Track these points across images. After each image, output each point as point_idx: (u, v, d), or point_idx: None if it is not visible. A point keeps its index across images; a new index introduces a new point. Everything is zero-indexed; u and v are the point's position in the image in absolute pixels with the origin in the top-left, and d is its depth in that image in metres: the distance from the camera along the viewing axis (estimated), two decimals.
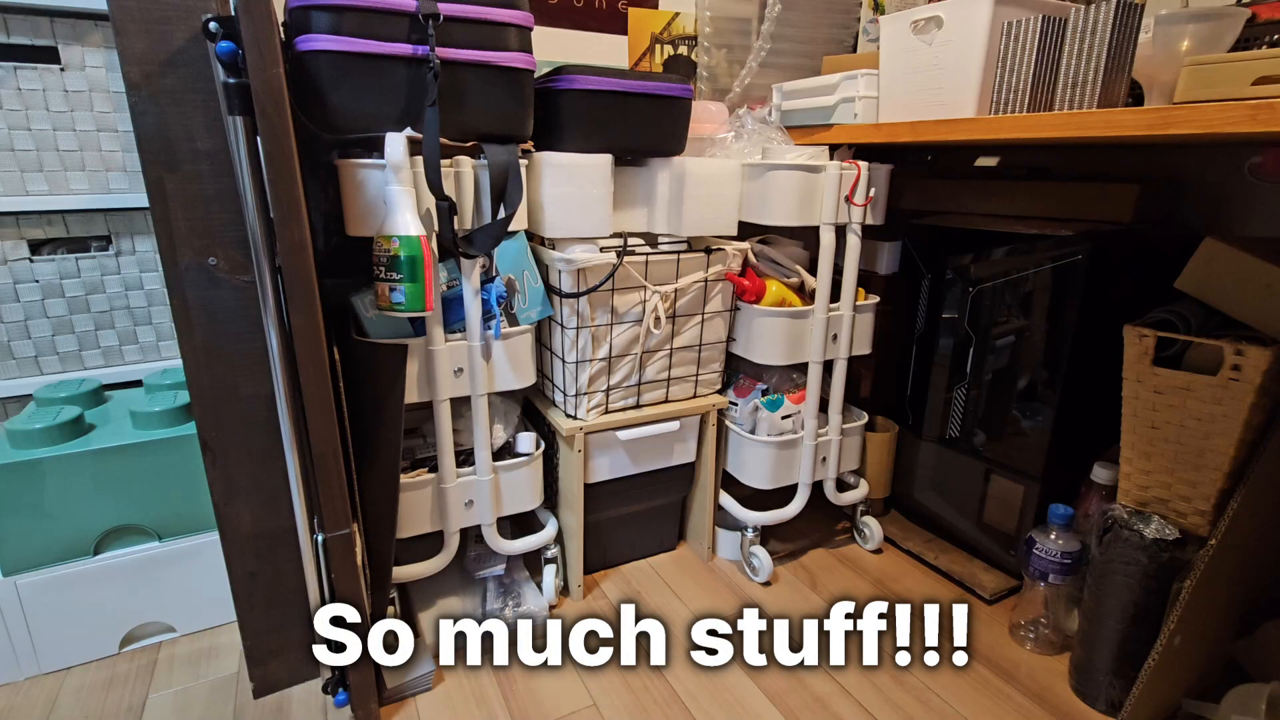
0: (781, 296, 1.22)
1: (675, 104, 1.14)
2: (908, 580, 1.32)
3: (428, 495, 1.09)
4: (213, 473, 0.91)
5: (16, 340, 1.21)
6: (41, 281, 1.21)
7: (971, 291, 1.26)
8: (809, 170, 1.14)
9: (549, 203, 1.08)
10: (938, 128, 1.06)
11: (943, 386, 1.34)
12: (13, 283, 1.19)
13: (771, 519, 1.30)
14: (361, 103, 0.91)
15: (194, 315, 0.85)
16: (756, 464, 1.28)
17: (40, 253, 1.21)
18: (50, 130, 1.17)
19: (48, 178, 1.18)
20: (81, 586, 1.05)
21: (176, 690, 1.03)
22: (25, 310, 1.21)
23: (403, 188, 0.91)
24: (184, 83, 0.79)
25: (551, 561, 1.22)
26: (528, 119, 1.03)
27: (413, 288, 0.92)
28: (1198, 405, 0.90)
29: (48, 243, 1.21)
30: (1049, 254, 1.12)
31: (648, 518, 1.35)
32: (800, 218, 1.17)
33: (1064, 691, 1.05)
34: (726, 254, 1.20)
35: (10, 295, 1.19)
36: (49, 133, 1.17)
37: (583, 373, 1.15)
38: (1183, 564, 0.92)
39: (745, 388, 1.31)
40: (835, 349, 1.27)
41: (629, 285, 1.14)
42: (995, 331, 1.23)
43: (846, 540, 1.45)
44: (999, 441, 1.25)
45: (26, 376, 1.23)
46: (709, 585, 1.29)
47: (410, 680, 1.02)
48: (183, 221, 0.82)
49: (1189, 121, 0.75)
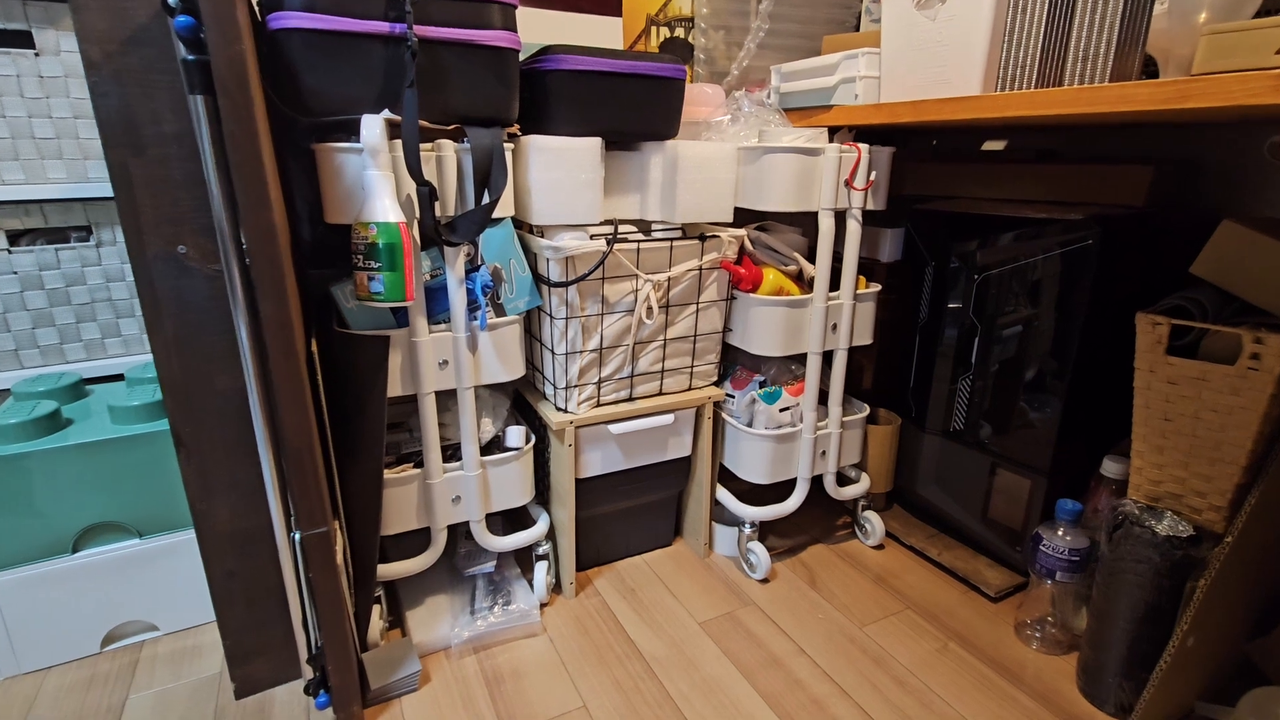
0: (779, 285, 1.18)
1: (667, 85, 1.10)
2: (910, 577, 1.28)
3: (413, 491, 1.06)
4: (187, 469, 0.88)
5: None
6: (20, 273, 1.18)
7: (977, 279, 1.21)
8: (807, 153, 1.10)
9: (536, 188, 1.04)
10: (941, 107, 1.01)
11: (947, 378, 1.30)
12: None
13: (769, 514, 1.27)
14: (337, 84, 0.87)
15: (164, 306, 0.82)
16: (754, 458, 1.24)
17: (19, 244, 1.18)
18: (26, 117, 1.13)
19: (24, 166, 1.15)
20: (60, 585, 1.02)
21: (157, 691, 1.00)
22: (4, 303, 1.18)
23: (380, 172, 0.87)
24: (148, 62, 0.76)
25: (543, 558, 1.19)
26: (513, 101, 0.99)
27: (392, 277, 0.88)
28: (1214, 396, 0.86)
29: (26, 233, 1.18)
30: (1058, 238, 1.08)
31: (642, 513, 1.31)
32: (798, 203, 1.12)
33: (1071, 693, 1.01)
34: (722, 241, 1.16)
35: None
36: (24, 120, 1.13)
37: (573, 365, 1.11)
38: (1196, 562, 0.88)
39: (742, 380, 1.27)
40: (835, 339, 1.22)
41: (620, 274, 1.10)
42: (1001, 320, 1.19)
43: (847, 536, 1.42)
44: (1005, 434, 1.21)
45: (6, 370, 1.20)
46: (705, 582, 1.26)
47: (395, 681, 0.99)
48: (150, 208, 0.79)
49: (1208, 94, 0.71)
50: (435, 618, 1.12)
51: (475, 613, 1.12)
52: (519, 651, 1.09)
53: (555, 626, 1.14)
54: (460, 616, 1.11)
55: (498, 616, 1.11)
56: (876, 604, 1.21)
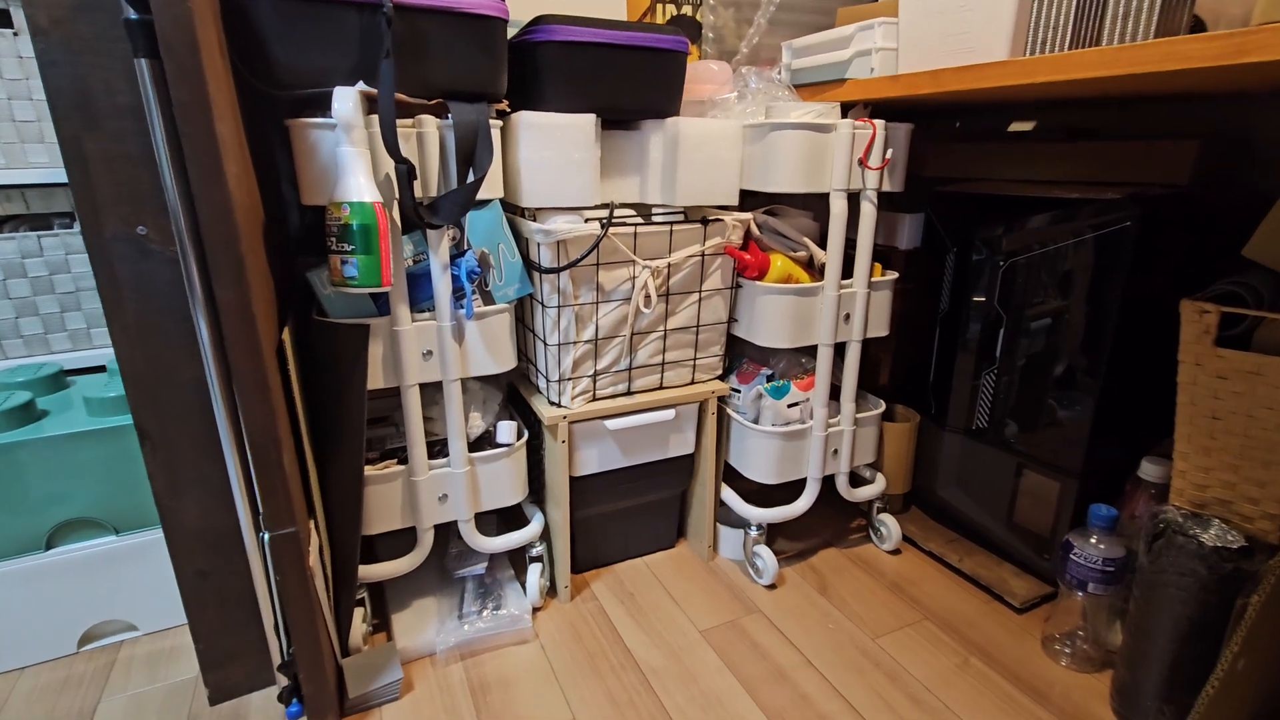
0: (787, 272, 1.11)
1: (667, 58, 1.03)
2: (928, 585, 1.20)
3: (397, 489, 1.00)
4: (153, 463, 0.84)
5: None
6: (2, 261, 1.15)
7: (1002, 265, 1.13)
8: (817, 129, 1.02)
9: (526, 169, 0.98)
10: (962, 75, 0.93)
11: (969, 372, 1.21)
12: None
13: (777, 516, 1.19)
14: (308, 54, 0.81)
15: (124, 291, 0.77)
16: (761, 456, 1.17)
17: (0, 230, 1.14)
18: (5, 99, 1.10)
19: (4, 150, 1.12)
20: (33, 583, 0.99)
21: (130, 695, 0.96)
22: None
23: (355, 149, 0.81)
24: (100, 28, 0.71)
25: (537, 560, 1.13)
26: (500, 74, 0.93)
27: (366, 260, 0.83)
28: (1270, 392, 0.77)
29: (8, 220, 1.15)
30: (1092, 220, 0.99)
31: (643, 514, 1.25)
32: (808, 183, 1.05)
33: (1104, 715, 0.93)
34: (725, 225, 1.08)
35: None
36: (3, 102, 1.10)
37: (566, 356, 1.05)
38: (1248, 576, 0.79)
39: (749, 373, 1.20)
40: (848, 330, 1.15)
41: (616, 260, 1.03)
42: (1029, 310, 1.10)
43: (861, 539, 1.34)
44: (1032, 432, 1.12)
45: None
46: (708, 587, 1.19)
47: (375, 689, 0.94)
48: (106, 186, 0.74)
49: (1269, 46, 0.62)
50: (422, 621, 1.07)
51: (463, 617, 1.06)
52: (508, 659, 1.03)
53: (548, 632, 1.08)
54: (447, 621, 1.06)
55: (486, 621, 1.05)
56: (891, 613, 1.13)
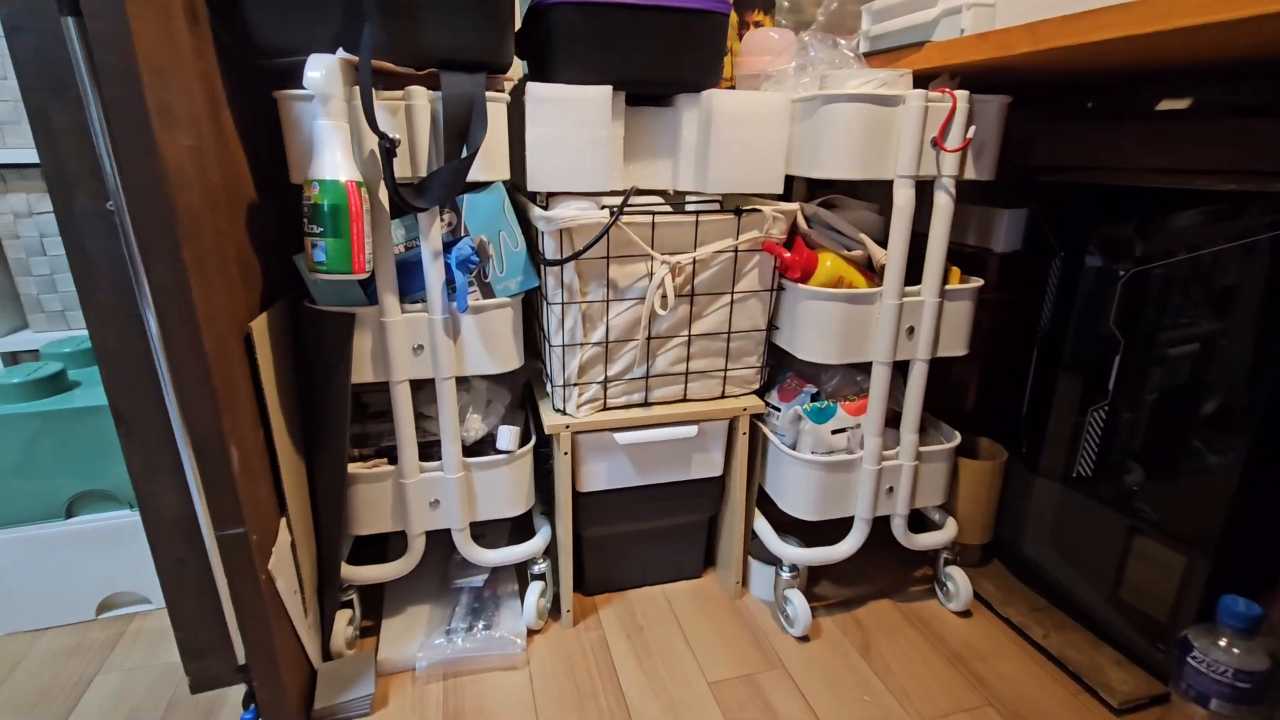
0: (838, 274, 0.93)
1: (704, 20, 0.88)
2: (1000, 661, 0.98)
3: (386, 490, 0.94)
4: (129, 447, 0.81)
5: (45, 294, 1.22)
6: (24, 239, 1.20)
7: (1123, 275, 0.89)
8: (879, 101, 0.84)
9: (533, 147, 0.88)
10: (1070, 27, 0.72)
11: (1073, 406, 0.98)
12: (39, 236, 1.19)
13: (813, 559, 1.03)
14: (289, 17, 0.75)
15: (97, 268, 0.75)
16: (797, 488, 1.00)
17: None
18: None
19: None
20: (54, 549, 1.02)
21: (126, 671, 0.97)
22: (51, 264, 1.21)
23: (329, 122, 0.74)
24: None
25: (539, 578, 1.04)
26: (503, 41, 0.83)
27: (335, 244, 0.76)
28: None
29: None
30: (1263, 219, 0.75)
31: (663, 538, 1.12)
32: (866, 168, 0.87)
33: None
34: (764, 217, 0.92)
35: (37, 249, 1.20)
36: None
37: (572, 359, 0.94)
38: None
39: (792, 390, 1.04)
40: (911, 347, 0.95)
41: (631, 253, 0.91)
42: (1158, 332, 0.86)
43: (924, 594, 1.13)
44: (1153, 488, 0.88)
45: (54, 331, 1.24)
46: (728, 631, 1.04)
47: (343, 702, 0.88)
48: (76, 158, 0.71)
49: None
50: (411, 632, 1.00)
51: (450, 632, 0.99)
52: (491, 685, 0.94)
53: (540, 660, 0.98)
54: (434, 635, 0.99)
55: (474, 641, 0.97)
56: (946, 692, 0.93)
